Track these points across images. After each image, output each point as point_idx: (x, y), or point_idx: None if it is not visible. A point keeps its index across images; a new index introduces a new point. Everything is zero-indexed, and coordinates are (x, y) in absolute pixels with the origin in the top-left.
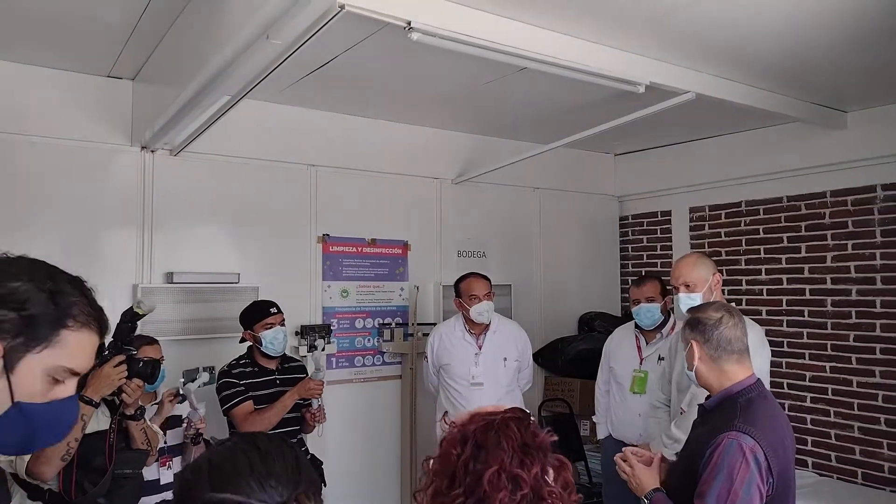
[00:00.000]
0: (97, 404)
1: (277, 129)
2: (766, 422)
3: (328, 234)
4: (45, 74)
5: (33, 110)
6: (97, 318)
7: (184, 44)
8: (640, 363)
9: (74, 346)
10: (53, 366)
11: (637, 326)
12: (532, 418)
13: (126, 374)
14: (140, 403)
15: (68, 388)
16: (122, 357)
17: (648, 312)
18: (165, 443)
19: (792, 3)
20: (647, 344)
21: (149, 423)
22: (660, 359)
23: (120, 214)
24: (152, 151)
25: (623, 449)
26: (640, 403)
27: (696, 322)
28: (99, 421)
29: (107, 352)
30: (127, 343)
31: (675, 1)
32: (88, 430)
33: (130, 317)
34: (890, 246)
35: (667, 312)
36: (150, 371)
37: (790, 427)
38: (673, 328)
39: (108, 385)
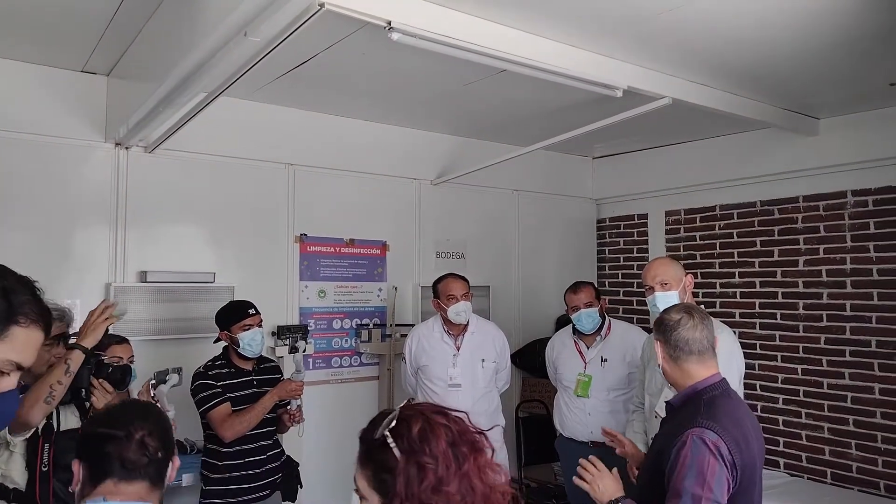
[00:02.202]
0: (86, 350)
1: (255, 128)
2: (728, 418)
3: (306, 234)
4: (17, 68)
5: (4, 105)
6: (44, 317)
7: (160, 39)
8: (585, 367)
9: (23, 342)
10: (1, 359)
11: (576, 331)
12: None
13: (112, 319)
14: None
15: (11, 381)
16: (108, 304)
17: (589, 317)
18: None
19: (767, 12)
20: (587, 348)
21: None
22: (603, 360)
23: (93, 212)
24: (127, 148)
25: (585, 459)
26: (588, 403)
27: (658, 323)
28: (67, 420)
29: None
30: (98, 347)
31: (653, 7)
32: (63, 429)
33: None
34: (860, 251)
35: (603, 315)
36: (119, 376)
37: (757, 426)
38: (609, 329)
39: (94, 330)
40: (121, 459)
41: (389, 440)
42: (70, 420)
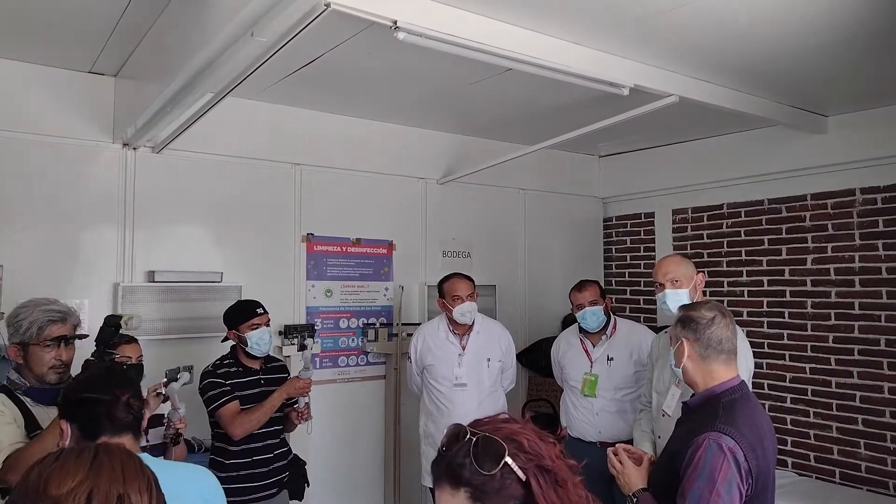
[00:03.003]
0: None
1: (262, 128)
2: (747, 422)
3: (312, 234)
4: (26, 70)
5: (13, 106)
6: None
7: (167, 40)
8: (591, 366)
9: None
10: None
11: (581, 330)
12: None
13: None
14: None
15: None
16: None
17: (594, 315)
18: (147, 441)
19: (774, 8)
20: (593, 347)
21: None
22: (609, 359)
23: (101, 212)
24: (134, 149)
25: (617, 445)
26: (596, 403)
27: (688, 320)
28: None
29: (92, 357)
30: (110, 347)
31: (659, 4)
32: None
33: (115, 322)
34: (868, 249)
35: (608, 313)
36: (132, 376)
37: (772, 429)
38: (615, 328)
39: None
40: (111, 418)
41: (512, 465)
42: None
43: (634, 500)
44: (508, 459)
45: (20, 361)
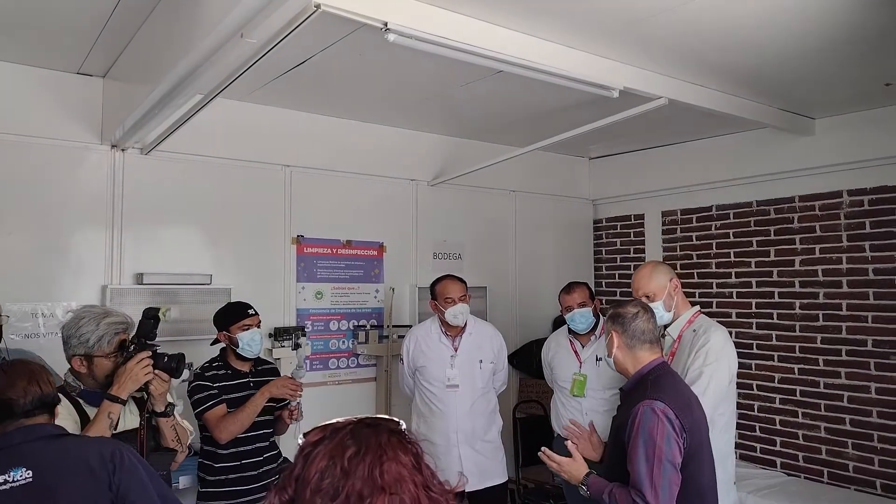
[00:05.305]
0: (124, 402)
1: (251, 129)
2: (672, 391)
3: (302, 236)
4: (12, 70)
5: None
6: None
7: (156, 40)
8: (580, 367)
9: None
10: None
11: (571, 332)
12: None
13: (151, 370)
14: (169, 399)
15: None
16: (146, 353)
17: (582, 317)
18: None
19: (762, 13)
20: (583, 347)
21: (179, 419)
22: (597, 360)
23: (89, 214)
24: (123, 150)
25: (543, 448)
26: (585, 403)
27: (616, 316)
28: (125, 419)
29: (131, 347)
30: (150, 339)
31: (650, 8)
32: (119, 430)
33: (153, 314)
34: (855, 250)
35: (597, 315)
36: (174, 365)
37: (696, 397)
38: (603, 329)
39: (133, 381)
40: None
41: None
42: (129, 419)
43: (584, 487)
44: (304, 435)
45: (83, 371)
